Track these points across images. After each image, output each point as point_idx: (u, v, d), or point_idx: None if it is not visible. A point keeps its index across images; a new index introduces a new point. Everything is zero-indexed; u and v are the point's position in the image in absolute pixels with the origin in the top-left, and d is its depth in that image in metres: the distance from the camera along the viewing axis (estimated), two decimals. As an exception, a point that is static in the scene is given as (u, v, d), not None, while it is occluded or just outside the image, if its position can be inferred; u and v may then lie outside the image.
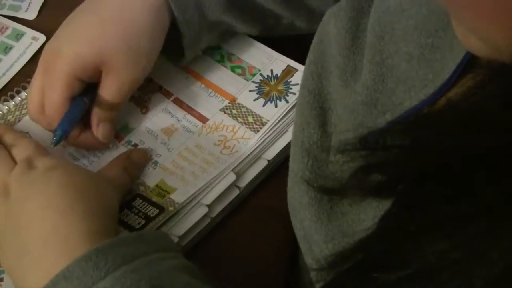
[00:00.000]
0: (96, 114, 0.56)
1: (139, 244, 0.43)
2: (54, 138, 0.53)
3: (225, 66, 0.62)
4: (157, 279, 0.41)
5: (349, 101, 0.45)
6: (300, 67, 0.61)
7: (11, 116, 0.59)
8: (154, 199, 0.53)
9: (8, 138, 0.54)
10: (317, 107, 0.47)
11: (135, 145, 0.58)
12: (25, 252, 0.44)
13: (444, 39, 0.41)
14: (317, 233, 0.42)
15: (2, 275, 0.50)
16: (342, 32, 0.46)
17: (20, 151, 0.52)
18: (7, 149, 0.53)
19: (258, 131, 0.57)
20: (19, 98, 0.60)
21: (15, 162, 0.51)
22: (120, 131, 0.59)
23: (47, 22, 0.58)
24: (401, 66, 0.43)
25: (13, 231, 0.46)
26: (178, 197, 0.53)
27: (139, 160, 0.56)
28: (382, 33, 0.44)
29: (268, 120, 0.58)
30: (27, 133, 0.58)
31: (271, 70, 0.61)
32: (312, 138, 0.46)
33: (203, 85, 0.61)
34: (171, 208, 0.52)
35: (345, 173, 0.40)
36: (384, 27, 0.44)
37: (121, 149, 0.58)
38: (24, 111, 0.59)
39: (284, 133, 0.57)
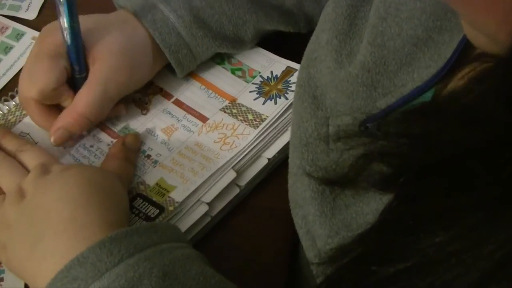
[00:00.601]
0: (63, 118, 0.55)
1: (151, 234, 0.44)
2: None
3: (225, 68, 0.63)
4: (169, 267, 0.42)
5: (345, 83, 0.45)
6: (300, 67, 0.61)
7: (11, 116, 0.59)
8: (154, 198, 0.53)
9: (12, 144, 0.54)
10: (307, 98, 0.47)
11: (135, 145, 0.58)
12: (41, 241, 0.45)
13: (454, 22, 0.41)
14: (322, 228, 0.42)
15: (2, 275, 0.50)
16: (340, 18, 0.46)
17: (33, 158, 0.53)
18: (13, 155, 0.53)
19: (257, 127, 0.57)
20: (20, 98, 0.61)
21: (25, 168, 0.52)
22: (120, 132, 0.59)
23: (47, 22, 0.58)
24: (405, 48, 0.43)
25: (27, 225, 0.47)
26: (177, 195, 0.53)
27: (134, 145, 0.56)
28: (385, 14, 0.44)
29: (267, 116, 0.58)
30: (28, 134, 0.58)
31: (271, 72, 0.62)
32: (308, 131, 0.46)
33: (203, 86, 0.61)
34: (171, 208, 0.52)
35: (346, 161, 0.40)
36: (388, 8, 0.44)
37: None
38: (24, 112, 0.59)
39: (285, 131, 0.57)
